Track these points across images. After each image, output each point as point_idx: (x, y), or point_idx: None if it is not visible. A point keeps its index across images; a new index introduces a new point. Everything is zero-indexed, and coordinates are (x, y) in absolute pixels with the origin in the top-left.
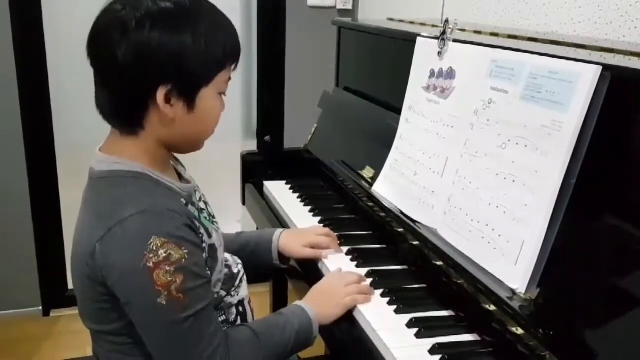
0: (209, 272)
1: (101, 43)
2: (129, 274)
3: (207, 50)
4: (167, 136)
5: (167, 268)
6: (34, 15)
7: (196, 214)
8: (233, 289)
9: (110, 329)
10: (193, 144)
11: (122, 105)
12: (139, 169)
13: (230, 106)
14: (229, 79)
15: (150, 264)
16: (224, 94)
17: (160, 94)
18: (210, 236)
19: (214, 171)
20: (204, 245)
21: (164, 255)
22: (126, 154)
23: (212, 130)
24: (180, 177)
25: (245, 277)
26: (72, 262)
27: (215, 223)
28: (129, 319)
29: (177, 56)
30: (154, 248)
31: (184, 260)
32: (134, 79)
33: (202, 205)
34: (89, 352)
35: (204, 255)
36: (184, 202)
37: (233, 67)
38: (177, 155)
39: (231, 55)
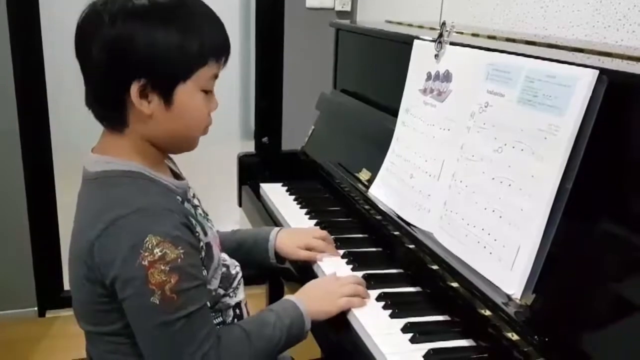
0: (205, 273)
1: (79, 40)
2: (124, 272)
3: (182, 46)
4: (150, 134)
5: (162, 267)
6: (31, 15)
7: (192, 211)
8: (231, 290)
9: (107, 330)
10: (181, 143)
11: (103, 102)
12: (133, 168)
13: (228, 107)
14: (215, 76)
15: (145, 262)
16: (209, 91)
17: (134, 89)
18: (206, 234)
19: (211, 172)
20: (201, 244)
21: (160, 254)
22: (119, 153)
23: (198, 129)
24: (175, 175)
25: (242, 280)
26: (70, 263)
27: (209, 220)
28: (127, 319)
29: (149, 51)
30: (150, 247)
31: (179, 260)
32: (108, 75)
33: (196, 202)
34: (84, 353)
35: (201, 255)
36: (180, 199)
37: (221, 63)
38: (173, 156)
39: (213, 51)
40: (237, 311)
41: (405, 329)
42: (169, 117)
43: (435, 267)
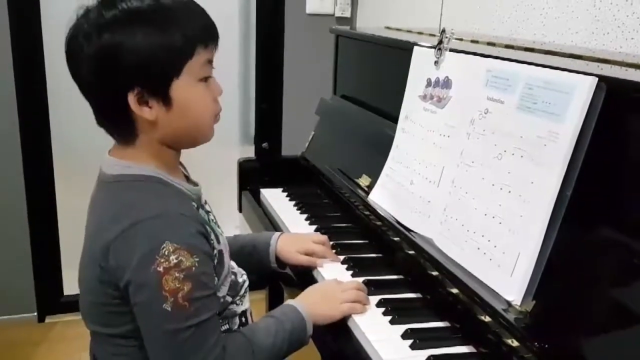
0: (216, 280)
1: (69, 62)
2: (138, 277)
3: (165, 44)
4: (162, 137)
5: (177, 274)
6: (32, 17)
7: (206, 217)
8: (238, 297)
9: (115, 332)
10: (194, 137)
11: (109, 119)
12: (151, 173)
13: (228, 112)
14: (209, 60)
15: (161, 269)
16: (207, 78)
17: (131, 100)
18: (219, 242)
19: (211, 177)
20: (215, 251)
21: (175, 261)
22: (136, 158)
23: (208, 118)
24: (188, 180)
25: (248, 288)
26: (82, 264)
27: (219, 227)
28: (136, 322)
29: (134, 59)
30: (166, 253)
31: (194, 268)
32: (102, 91)
33: (208, 208)
34: (84, 358)
35: (214, 262)
36: (195, 205)
37: (212, 48)
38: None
39: (198, 39)
40: (243, 319)
41: (405, 335)
42: (173, 116)
43: (435, 273)
